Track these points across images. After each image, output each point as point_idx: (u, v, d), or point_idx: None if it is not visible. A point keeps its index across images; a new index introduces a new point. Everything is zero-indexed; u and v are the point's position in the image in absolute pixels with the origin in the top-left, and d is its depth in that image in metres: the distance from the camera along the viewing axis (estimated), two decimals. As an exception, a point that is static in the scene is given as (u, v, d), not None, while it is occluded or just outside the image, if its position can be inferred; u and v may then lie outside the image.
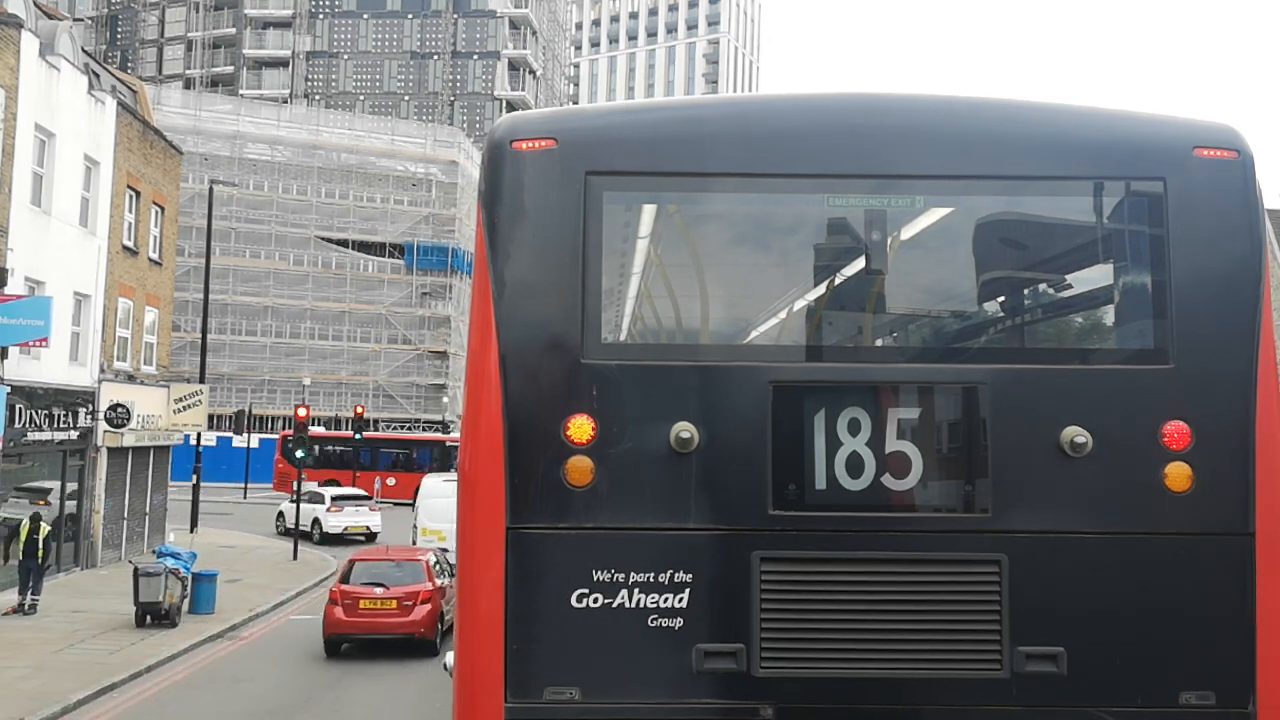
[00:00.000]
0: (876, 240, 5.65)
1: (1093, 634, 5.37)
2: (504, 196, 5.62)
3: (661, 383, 5.45)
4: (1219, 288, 5.54)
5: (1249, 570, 5.42)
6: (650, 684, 5.34)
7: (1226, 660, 5.41)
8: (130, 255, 29.95)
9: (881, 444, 5.40)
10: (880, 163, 5.65)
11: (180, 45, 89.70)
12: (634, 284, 5.85)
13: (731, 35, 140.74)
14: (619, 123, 6.14)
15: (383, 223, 69.53)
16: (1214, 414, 5.45)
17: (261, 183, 67.51)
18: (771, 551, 5.34)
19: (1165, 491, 5.39)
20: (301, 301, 67.72)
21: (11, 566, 22.94)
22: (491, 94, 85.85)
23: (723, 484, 5.39)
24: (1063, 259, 5.98)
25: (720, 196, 5.86)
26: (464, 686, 5.56)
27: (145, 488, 31.57)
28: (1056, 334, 6.18)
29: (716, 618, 5.34)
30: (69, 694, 16.06)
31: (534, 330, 5.49)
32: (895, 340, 5.94)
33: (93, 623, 21.29)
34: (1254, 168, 5.72)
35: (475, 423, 5.58)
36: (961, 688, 5.34)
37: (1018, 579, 5.35)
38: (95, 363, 27.87)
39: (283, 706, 16.27)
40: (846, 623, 5.33)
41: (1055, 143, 5.76)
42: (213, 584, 22.82)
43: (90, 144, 27.34)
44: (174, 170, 33.92)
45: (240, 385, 66.20)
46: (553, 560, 5.38)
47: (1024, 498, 5.41)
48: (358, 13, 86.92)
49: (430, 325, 70.68)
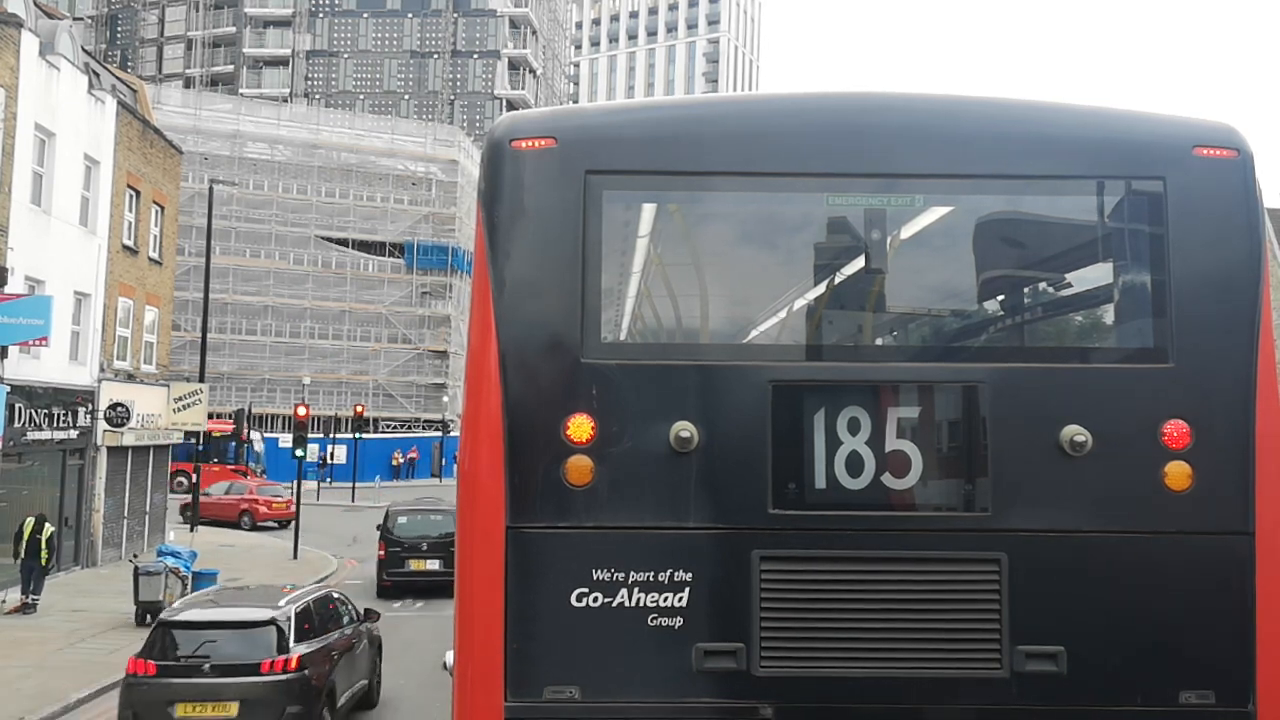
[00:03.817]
0: (876, 239, 5.65)
1: (1092, 633, 5.37)
2: (504, 196, 5.62)
3: (661, 382, 5.45)
4: (1219, 287, 5.54)
5: (1249, 569, 5.42)
6: (650, 683, 5.34)
7: (1226, 659, 5.41)
8: (130, 254, 29.95)
9: (881, 443, 5.40)
10: (880, 162, 5.65)
11: (180, 44, 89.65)
12: (634, 283, 5.85)
13: (731, 34, 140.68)
14: (619, 122, 6.14)
15: (383, 222, 69.50)
16: (1214, 413, 5.45)
17: (261, 182, 67.45)
18: (771, 551, 5.35)
19: (1165, 490, 5.39)
20: (301, 301, 67.69)
21: (12, 565, 22.95)
22: (491, 93, 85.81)
23: (723, 483, 5.39)
24: (1062, 258, 5.99)
25: (720, 196, 5.87)
26: (464, 685, 5.55)
27: (145, 487, 31.58)
28: (1056, 333, 6.18)
29: (716, 617, 5.34)
30: (69, 693, 16.06)
31: (534, 329, 5.50)
32: (895, 339, 5.95)
33: (93, 622, 21.28)
34: (1254, 167, 5.72)
35: (475, 422, 5.58)
36: (961, 687, 5.34)
37: (1017, 578, 5.35)
38: (95, 362, 27.86)
39: (283, 706, 16.18)
40: (846, 622, 5.33)
41: (1055, 142, 5.76)
42: (213, 583, 22.78)
43: (90, 143, 27.34)
44: (174, 169, 33.91)
45: (240, 384, 66.16)
46: (552, 559, 5.38)
47: (1024, 497, 5.41)
48: (358, 12, 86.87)
49: (430, 325, 70.65)
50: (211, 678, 12.30)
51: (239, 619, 13.17)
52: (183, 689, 12.17)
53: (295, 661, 12.51)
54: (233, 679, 12.27)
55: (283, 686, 12.31)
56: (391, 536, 25.14)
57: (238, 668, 12.35)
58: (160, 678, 12.24)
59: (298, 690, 12.39)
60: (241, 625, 12.95)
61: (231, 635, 12.80)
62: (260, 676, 12.28)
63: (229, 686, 12.22)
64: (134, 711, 12.28)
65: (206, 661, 12.39)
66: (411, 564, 24.77)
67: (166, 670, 12.33)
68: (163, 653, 12.54)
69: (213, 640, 12.62)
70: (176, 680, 12.26)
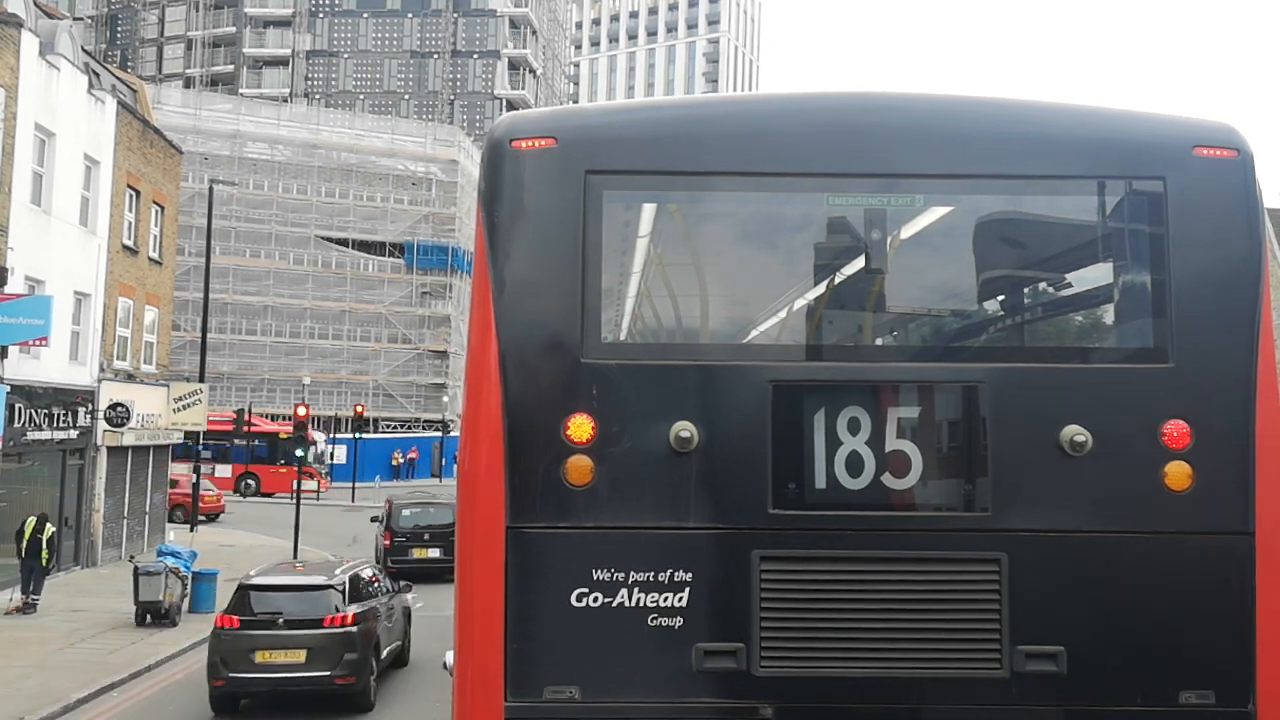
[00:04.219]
0: (876, 239, 5.65)
1: (1092, 633, 5.37)
2: (504, 196, 5.62)
3: (661, 382, 5.45)
4: (1219, 287, 5.54)
5: (1249, 569, 5.42)
6: (650, 683, 5.34)
7: (1226, 659, 5.41)
8: (130, 254, 29.94)
9: (881, 443, 5.40)
10: (880, 162, 5.65)
11: (180, 44, 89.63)
12: (634, 283, 5.85)
13: (731, 34, 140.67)
14: (619, 122, 6.14)
15: (383, 222, 69.49)
16: (1214, 413, 5.45)
17: (261, 182, 67.44)
18: (771, 551, 5.34)
19: (1165, 490, 5.39)
20: (301, 301, 67.68)
21: (12, 565, 22.95)
22: (491, 93, 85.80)
23: (723, 483, 5.39)
24: (1063, 258, 5.99)
25: (720, 195, 5.87)
26: (464, 685, 5.56)
27: (145, 487, 31.57)
28: (1056, 333, 6.18)
29: (716, 617, 5.34)
30: (69, 693, 16.06)
31: (534, 329, 5.50)
32: (895, 339, 5.95)
33: (93, 622, 21.28)
34: (1254, 167, 5.72)
35: (475, 422, 5.58)
36: (961, 687, 5.34)
37: (1017, 578, 5.35)
38: (95, 362, 27.86)
39: (283, 706, 16.20)
40: (846, 622, 5.33)
41: (1055, 142, 5.76)
42: (213, 583, 22.79)
43: (90, 143, 27.33)
44: (174, 169, 33.90)
45: (240, 384, 66.14)
46: (552, 559, 5.38)
47: (1024, 497, 5.41)
48: (358, 12, 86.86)
49: (430, 325, 70.64)
50: (284, 630, 15.06)
51: (305, 583, 16.09)
52: (261, 639, 14.99)
53: (350, 618, 15.27)
54: (301, 631, 15.04)
55: (341, 638, 15.07)
56: (397, 528, 27.64)
57: (305, 622, 15.11)
58: (243, 630, 15.08)
59: (352, 641, 15.14)
60: (307, 589, 15.85)
61: (299, 596, 15.66)
62: (323, 629, 15.08)
63: (298, 637, 15.02)
64: (221, 657, 14.97)
65: (279, 617, 15.17)
66: (414, 552, 27.08)
67: (247, 624, 15.14)
68: (243, 610, 15.35)
69: (283, 600, 15.52)
70: (256, 632, 15.02)
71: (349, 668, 15.01)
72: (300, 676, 15.00)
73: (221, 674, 14.94)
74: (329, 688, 15.06)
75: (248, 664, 14.88)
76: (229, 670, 14.91)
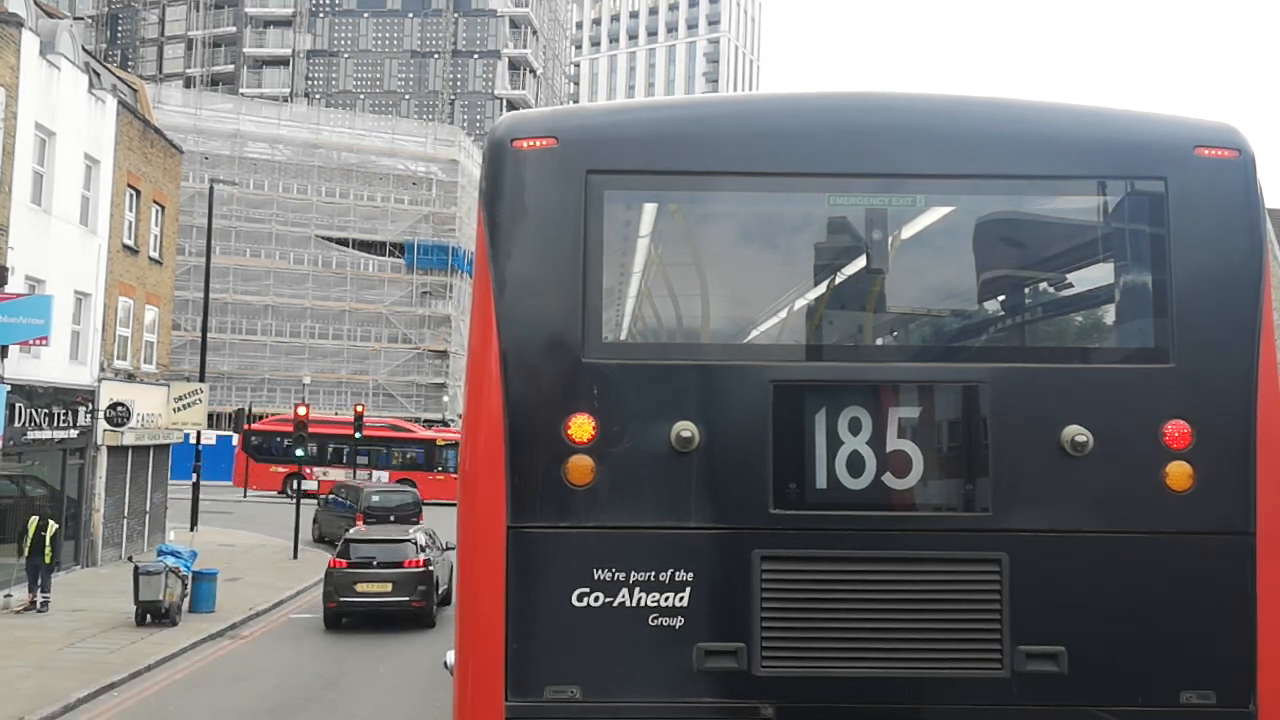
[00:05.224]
0: (877, 239, 5.65)
1: (1093, 633, 5.37)
2: (505, 195, 5.62)
3: (662, 382, 5.45)
4: (1220, 287, 5.54)
5: (1249, 569, 5.42)
6: (651, 683, 5.34)
7: (1227, 659, 5.41)
8: (130, 254, 29.94)
9: (882, 443, 5.40)
10: (881, 162, 5.65)
11: (180, 44, 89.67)
12: (635, 283, 5.85)
13: (732, 34, 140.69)
14: (620, 121, 6.14)
15: (383, 222, 69.53)
16: (1215, 413, 5.45)
17: (262, 182, 67.48)
18: (772, 550, 5.34)
19: (1166, 490, 5.39)
20: (302, 300, 67.71)
21: (11, 564, 22.95)
22: (492, 93, 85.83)
23: (723, 483, 5.39)
24: (1063, 258, 5.99)
25: (721, 195, 5.87)
26: (464, 685, 5.56)
27: (145, 486, 31.54)
28: (1057, 333, 6.18)
29: (717, 617, 5.34)
30: (69, 693, 16.05)
31: (535, 329, 5.50)
32: (896, 339, 5.95)
33: (93, 621, 21.28)
34: (1255, 167, 5.72)
35: (475, 422, 5.58)
36: (962, 687, 5.34)
37: (1018, 578, 5.35)
38: (95, 361, 27.86)
39: (283, 705, 16.26)
40: (847, 622, 5.33)
41: (1056, 142, 5.75)
42: (213, 583, 22.80)
43: (90, 143, 27.32)
44: (174, 169, 33.89)
45: (240, 384, 66.18)
46: (553, 559, 5.39)
47: (1024, 497, 5.41)
48: (358, 11, 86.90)
49: (430, 324, 70.68)
50: (376, 569, 21.81)
51: (390, 538, 23.19)
52: (361, 575, 21.77)
53: (422, 562, 22.15)
54: (389, 569, 21.87)
55: (417, 575, 21.94)
56: (367, 508, 33.53)
57: (391, 564, 21.97)
58: (349, 569, 21.88)
59: (424, 577, 22.01)
60: (391, 541, 22.87)
61: (386, 546, 22.50)
62: (404, 569, 21.93)
63: (386, 574, 21.80)
64: (334, 587, 21.73)
65: (374, 560, 21.96)
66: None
67: (352, 565, 21.94)
68: (347, 556, 22.13)
69: (375, 550, 22.29)
70: (358, 570, 21.84)
71: (421, 596, 21.74)
72: (388, 601, 21.64)
73: (334, 599, 21.69)
74: (407, 609, 21.66)
75: (351, 592, 21.64)
76: (339, 596, 21.65)
